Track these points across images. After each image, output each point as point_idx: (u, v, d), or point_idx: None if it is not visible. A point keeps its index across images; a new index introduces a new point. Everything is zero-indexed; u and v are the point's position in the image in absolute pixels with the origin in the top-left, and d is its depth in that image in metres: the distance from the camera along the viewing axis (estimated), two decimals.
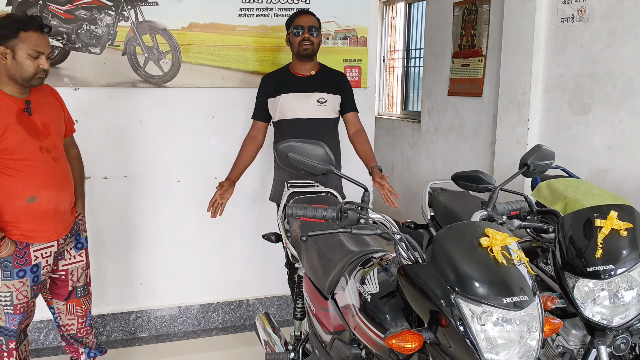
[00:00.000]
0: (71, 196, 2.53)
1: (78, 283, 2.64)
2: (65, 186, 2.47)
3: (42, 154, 2.35)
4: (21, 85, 2.30)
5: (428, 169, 5.15)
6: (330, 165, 1.79)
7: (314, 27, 2.94)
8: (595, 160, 3.20)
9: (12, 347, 2.44)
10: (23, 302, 2.40)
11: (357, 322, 1.69)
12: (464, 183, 2.21)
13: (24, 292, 2.39)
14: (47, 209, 2.38)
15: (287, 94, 2.98)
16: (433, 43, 4.99)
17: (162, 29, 3.23)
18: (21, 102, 2.32)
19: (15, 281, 2.36)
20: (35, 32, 2.26)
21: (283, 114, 2.98)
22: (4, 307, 2.39)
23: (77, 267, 2.62)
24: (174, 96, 3.34)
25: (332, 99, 3.02)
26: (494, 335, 1.36)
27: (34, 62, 2.26)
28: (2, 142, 2.25)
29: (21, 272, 2.37)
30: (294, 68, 3.04)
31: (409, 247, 1.62)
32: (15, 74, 2.26)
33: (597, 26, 3.16)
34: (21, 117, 2.30)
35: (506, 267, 1.41)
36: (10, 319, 2.41)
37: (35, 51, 2.25)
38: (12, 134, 2.26)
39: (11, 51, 2.24)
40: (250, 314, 3.70)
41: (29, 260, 2.38)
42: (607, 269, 1.84)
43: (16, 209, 2.32)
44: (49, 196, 2.38)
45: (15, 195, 2.31)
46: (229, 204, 3.53)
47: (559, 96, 3.43)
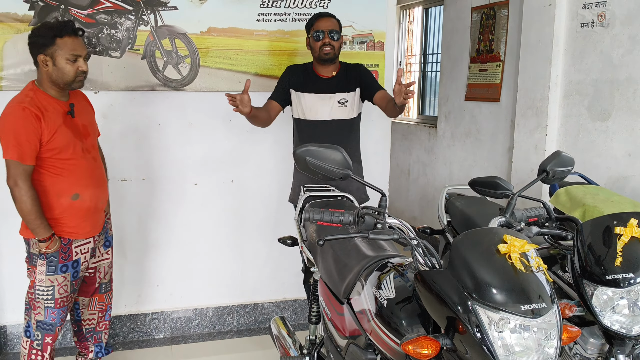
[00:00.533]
0: (106, 195, 2.71)
1: (103, 280, 2.78)
2: (103, 185, 2.66)
3: (84, 154, 2.52)
4: (63, 88, 2.45)
5: (444, 174, 5.13)
6: (348, 170, 1.79)
7: (335, 31, 2.92)
8: (614, 166, 3.17)
9: (47, 342, 2.56)
10: (63, 296, 2.53)
11: (373, 327, 1.69)
12: (481, 189, 2.20)
13: (65, 286, 2.52)
14: (88, 206, 2.54)
15: (310, 94, 2.99)
16: (450, 47, 4.97)
17: (181, 34, 3.26)
18: (65, 105, 2.48)
19: (59, 276, 2.50)
20: (70, 36, 2.39)
21: (304, 114, 3.01)
22: (44, 301, 2.51)
23: (105, 264, 2.77)
24: (192, 100, 3.37)
25: (352, 97, 3.02)
26: (512, 343, 1.35)
27: (72, 66, 2.40)
28: (52, 142, 2.39)
29: (64, 267, 2.51)
30: (316, 69, 3.04)
31: (426, 253, 1.61)
32: (57, 79, 2.40)
33: (617, 31, 3.13)
34: (66, 119, 2.46)
35: (524, 274, 1.41)
36: (50, 313, 2.52)
37: (72, 55, 2.38)
38: (61, 135, 2.41)
39: (50, 58, 2.38)
40: (265, 317, 3.71)
41: (70, 256, 2.52)
42: (626, 277, 1.82)
43: (61, 205, 2.46)
44: (90, 194, 2.54)
45: (61, 193, 2.45)
46: (245, 206, 3.55)
47: (578, 102, 3.40)
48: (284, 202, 3.50)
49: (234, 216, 3.56)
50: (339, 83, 3.01)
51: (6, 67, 3.06)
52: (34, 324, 2.55)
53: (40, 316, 2.53)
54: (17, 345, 3.33)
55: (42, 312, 2.52)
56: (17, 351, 3.33)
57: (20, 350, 2.62)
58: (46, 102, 2.40)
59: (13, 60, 3.07)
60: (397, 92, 2.59)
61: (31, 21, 3.05)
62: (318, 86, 3.00)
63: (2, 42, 3.04)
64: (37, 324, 2.54)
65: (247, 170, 3.53)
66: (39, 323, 2.54)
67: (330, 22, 2.94)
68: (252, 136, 3.48)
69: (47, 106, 2.39)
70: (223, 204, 3.53)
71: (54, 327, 2.54)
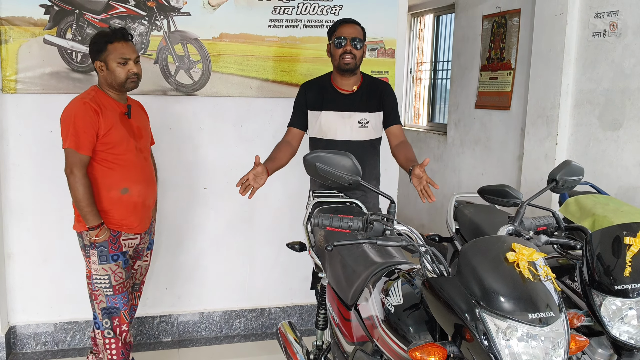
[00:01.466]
0: (154, 195, 2.86)
1: (137, 280, 2.95)
2: (151, 183, 2.80)
3: (137, 153, 2.69)
4: (119, 90, 2.64)
5: (453, 182, 5.12)
6: (357, 177, 1.80)
7: (358, 39, 2.73)
8: (625, 176, 3.15)
9: (116, 324, 2.71)
10: (120, 282, 2.69)
11: (380, 333, 1.69)
12: (490, 197, 2.20)
13: (120, 273, 2.68)
14: (136, 202, 2.69)
15: (328, 112, 2.80)
16: (461, 55, 4.97)
17: (193, 39, 3.29)
18: (123, 106, 2.68)
19: (112, 264, 2.66)
20: (120, 42, 2.58)
21: (323, 133, 2.83)
22: (103, 289, 2.67)
23: (144, 265, 2.95)
24: (203, 105, 3.40)
25: (375, 118, 2.83)
26: (519, 351, 1.35)
27: (123, 68, 2.58)
28: (107, 136, 2.57)
29: (115, 256, 2.67)
30: (335, 81, 2.85)
31: (434, 260, 1.61)
32: (112, 82, 2.60)
33: (629, 41, 3.12)
34: (123, 118, 2.66)
35: (532, 283, 1.40)
36: (111, 299, 2.68)
37: (122, 58, 2.57)
38: (116, 131, 2.60)
39: (104, 63, 2.58)
40: (272, 322, 3.71)
41: (120, 247, 2.69)
42: (635, 288, 1.81)
43: (110, 198, 2.63)
44: (139, 190, 2.70)
45: (111, 186, 2.63)
46: (254, 211, 3.57)
47: (589, 111, 3.39)
48: (293, 207, 3.52)
49: (242, 221, 3.57)
50: (360, 100, 2.82)
51: (21, 70, 3.10)
52: (99, 313, 2.70)
53: (103, 304, 2.68)
54: (27, 346, 3.36)
55: (103, 299, 2.68)
56: (26, 351, 3.35)
57: (99, 344, 2.76)
58: (105, 102, 2.61)
59: (28, 63, 3.11)
60: (416, 176, 2.42)
61: (46, 25, 3.09)
62: (337, 103, 2.81)
63: (17, 46, 3.08)
64: (102, 311, 2.69)
65: None
66: (103, 310, 2.69)
67: (354, 29, 2.76)
68: (261, 141, 3.49)
69: (106, 105, 2.60)
70: (232, 209, 3.55)
71: (118, 310, 2.69)
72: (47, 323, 3.37)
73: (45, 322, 3.36)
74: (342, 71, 2.77)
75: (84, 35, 3.15)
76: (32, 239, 3.28)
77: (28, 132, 3.19)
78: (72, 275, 3.30)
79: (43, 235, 3.28)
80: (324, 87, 2.86)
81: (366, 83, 2.87)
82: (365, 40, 2.81)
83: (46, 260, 3.30)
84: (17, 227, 3.26)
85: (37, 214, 3.26)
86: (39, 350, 3.38)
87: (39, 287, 3.32)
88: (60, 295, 3.35)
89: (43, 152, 3.20)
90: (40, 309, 3.35)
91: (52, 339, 3.39)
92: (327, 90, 2.85)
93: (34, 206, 3.25)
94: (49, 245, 3.29)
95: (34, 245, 3.28)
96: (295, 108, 2.91)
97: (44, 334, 3.37)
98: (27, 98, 3.15)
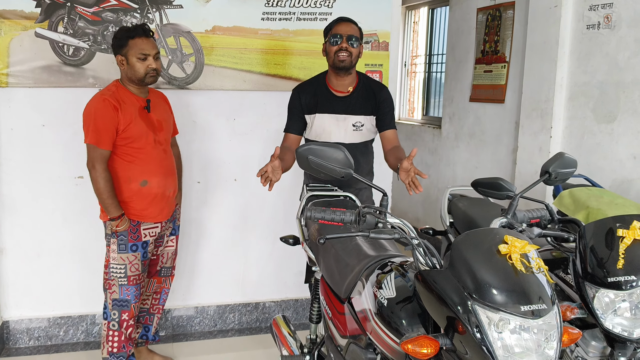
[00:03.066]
0: (175, 185, 2.93)
1: (165, 265, 3.04)
2: (171, 175, 2.88)
3: (156, 145, 2.78)
4: (138, 85, 2.72)
5: (448, 175, 5.12)
6: (349, 169, 1.79)
7: (354, 37, 2.66)
8: (619, 169, 3.15)
9: (124, 318, 2.80)
10: (135, 274, 2.78)
11: (373, 326, 1.69)
12: (484, 190, 2.19)
13: (136, 264, 2.78)
14: (156, 193, 2.78)
15: (323, 115, 2.75)
16: (455, 48, 4.96)
17: (186, 32, 3.27)
18: (142, 101, 2.75)
19: (130, 254, 2.75)
20: (141, 37, 2.65)
21: (317, 135, 2.79)
22: (118, 279, 2.76)
23: (169, 251, 3.04)
24: (196, 98, 3.38)
25: (369, 121, 2.79)
26: (511, 344, 1.35)
27: (143, 64, 2.66)
28: (127, 131, 2.66)
29: (134, 246, 2.76)
30: (330, 82, 2.78)
31: (427, 253, 1.61)
32: (132, 76, 2.69)
33: (623, 33, 3.11)
34: (142, 112, 2.74)
35: (525, 275, 1.40)
36: (124, 290, 2.77)
37: (141, 54, 2.64)
38: (135, 126, 2.69)
39: (124, 57, 2.67)
40: (266, 316, 3.71)
41: (139, 237, 2.77)
42: (628, 280, 1.81)
43: (130, 190, 2.73)
44: (158, 181, 2.78)
45: (131, 179, 2.73)
46: (247, 205, 3.56)
47: (583, 104, 3.38)
48: (286, 201, 3.51)
49: (236, 215, 3.56)
50: (355, 103, 2.76)
51: (12, 64, 3.08)
52: (110, 303, 2.79)
53: (115, 294, 2.77)
54: (20, 341, 3.34)
55: (117, 289, 2.77)
56: (19, 346, 3.34)
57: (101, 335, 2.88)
58: (125, 97, 2.70)
59: (19, 57, 3.08)
60: (404, 169, 2.34)
61: (37, 18, 3.07)
62: (332, 105, 2.75)
63: (8, 39, 3.05)
64: (113, 302, 2.78)
65: (250, 169, 3.52)
66: (114, 301, 2.78)
67: (350, 27, 2.69)
68: (255, 135, 3.48)
69: (126, 100, 2.69)
70: (226, 203, 3.53)
71: (128, 303, 2.78)
72: (41, 318, 3.35)
73: (39, 317, 3.35)
74: (337, 69, 2.70)
75: (75, 29, 3.12)
76: (24, 234, 3.26)
77: (20, 126, 3.16)
78: (65, 270, 3.29)
79: (36, 230, 3.26)
80: (318, 89, 2.79)
81: (362, 84, 2.80)
82: (362, 40, 2.75)
83: (39, 255, 3.29)
84: (10, 222, 3.24)
85: (30, 209, 3.24)
86: (32, 345, 3.36)
87: (32, 282, 3.30)
88: (54, 290, 3.33)
89: (35, 146, 3.18)
90: (34, 304, 3.33)
91: (46, 334, 3.37)
92: (322, 92, 2.78)
93: (26, 201, 3.23)
94: (42, 240, 3.28)
95: (26, 240, 3.27)
96: (290, 113, 2.81)
97: (37, 328, 3.35)
98: (18, 92, 3.13)
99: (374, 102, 2.78)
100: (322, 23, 3.38)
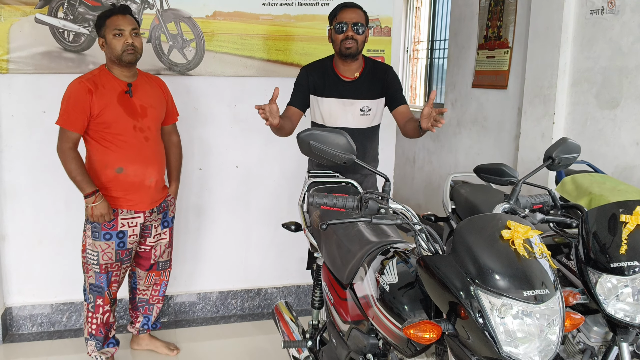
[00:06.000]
0: (158, 175, 2.83)
1: (161, 258, 2.99)
2: (152, 164, 2.78)
3: (135, 132, 2.70)
4: (120, 65, 2.65)
5: (450, 162, 5.11)
6: (351, 155, 1.78)
7: (360, 23, 2.66)
8: (622, 155, 3.14)
9: (99, 304, 2.80)
10: (108, 263, 2.75)
11: (375, 312, 1.69)
12: (486, 176, 2.18)
13: (109, 253, 2.74)
14: (133, 181, 2.72)
15: (330, 99, 2.77)
16: (458, 34, 4.92)
17: (186, 17, 3.24)
18: (125, 85, 2.69)
19: (102, 242, 2.72)
20: (116, 15, 2.62)
21: (323, 119, 2.81)
22: (92, 265, 2.76)
23: (161, 243, 2.96)
24: (197, 84, 3.36)
25: (376, 105, 2.81)
26: (514, 329, 1.34)
27: (119, 40, 2.60)
28: (101, 116, 2.61)
29: (107, 235, 2.72)
30: (337, 67, 2.79)
31: (429, 238, 1.61)
32: (111, 56, 2.64)
33: (627, 19, 3.08)
34: (122, 97, 2.67)
35: (527, 260, 1.40)
36: (97, 277, 2.76)
37: (116, 30, 2.60)
38: (111, 111, 2.63)
39: (103, 38, 2.64)
40: (268, 302, 3.72)
41: (115, 226, 2.72)
42: (631, 265, 1.81)
43: (106, 176, 2.69)
44: (135, 170, 2.71)
45: (107, 165, 2.68)
46: (249, 192, 3.55)
47: (586, 90, 3.36)
48: (289, 188, 3.51)
49: (238, 201, 3.56)
50: (362, 87, 2.77)
51: (12, 50, 3.06)
52: (88, 287, 2.80)
53: (91, 279, 2.77)
54: (23, 327, 3.36)
55: (92, 275, 2.77)
56: (22, 332, 3.36)
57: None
58: (106, 80, 2.65)
59: (19, 43, 3.06)
60: (425, 116, 2.35)
61: (37, 4, 3.04)
62: (339, 90, 2.76)
63: (8, 25, 3.03)
64: (90, 286, 2.79)
65: (251, 155, 3.52)
66: (91, 286, 2.78)
67: (356, 13, 2.68)
68: (257, 121, 3.45)
69: (105, 83, 2.64)
70: (227, 189, 3.53)
71: (102, 290, 2.77)
72: (43, 304, 3.37)
73: (41, 303, 3.36)
74: (343, 57, 2.71)
75: (75, 14, 3.10)
76: (26, 220, 3.26)
77: (21, 112, 3.15)
78: (67, 257, 3.29)
79: (38, 216, 3.26)
80: (325, 72, 2.79)
81: (368, 69, 2.81)
82: (367, 24, 2.73)
83: (41, 242, 3.29)
84: (12, 208, 3.24)
85: (31, 196, 3.24)
86: (35, 331, 3.38)
87: (34, 268, 3.31)
88: (56, 277, 3.34)
89: (36, 132, 3.17)
90: (36, 291, 3.34)
91: (48, 320, 3.39)
92: (329, 76, 2.78)
93: (28, 188, 3.22)
94: (43, 227, 3.28)
95: (28, 226, 3.27)
96: (296, 89, 2.82)
97: (39, 315, 3.37)
98: (19, 78, 3.11)
99: (381, 84, 2.80)
100: (324, 8, 3.36)
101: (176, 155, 3.01)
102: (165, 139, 2.93)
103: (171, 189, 2.98)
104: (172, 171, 3.01)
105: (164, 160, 2.90)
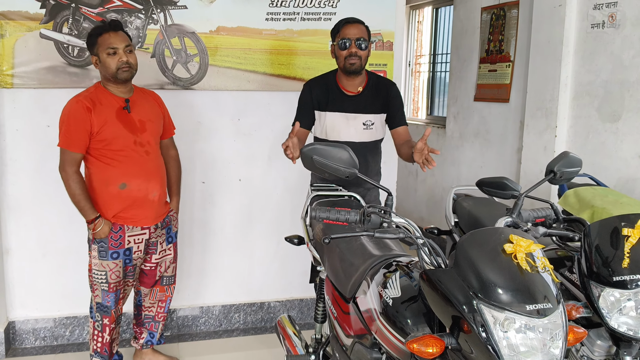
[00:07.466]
0: (161, 188, 2.81)
1: (165, 273, 2.97)
2: (154, 178, 2.76)
3: (136, 147, 2.68)
4: (115, 82, 2.63)
5: (452, 175, 5.11)
6: (354, 169, 1.79)
7: (362, 39, 2.67)
8: (624, 168, 3.14)
9: (105, 323, 2.79)
10: (116, 281, 2.73)
11: (379, 326, 1.69)
12: (488, 189, 2.19)
13: (117, 272, 2.72)
14: (136, 196, 2.69)
15: (334, 113, 2.77)
16: (460, 48, 4.95)
17: (190, 32, 3.27)
18: (122, 101, 2.66)
19: (110, 262, 2.70)
20: (108, 32, 2.59)
21: (326, 134, 2.81)
22: (100, 284, 2.73)
23: (166, 259, 2.94)
24: (201, 98, 3.38)
25: (379, 119, 2.81)
26: (517, 343, 1.35)
27: (113, 58, 2.57)
28: (101, 133, 2.59)
29: (115, 253, 2.70)
30: (340, 82, 2.80)
31: (432, 252, 1.61)
32: (106, 74, 2.61)
33: (628, 32, 3.10)
34: (120, 113, 2.65)
35: (530, 274, 1.40)
36: (104, 296, 2.74)
37: (110, 48, 2.57)
38: (111, 127, 2.60)
39: (97, 56, 2.61)
40: (271, 315, 3.71)
41: (122, 244, 2.70)
42: (634, 279, 1.81)
43: (109, 193, 2.66)
44: (139, 184, 2.69)
45: (109, 181, 2.65)
46: (252, 205, 3.56)
47: (588, 103, 3.38)
48: (292, 201, 3.51)
49: (241, 215, 3.57)
50: (365, 102, 2.78)
51: (17, 65, 3.09)
52: (95, 305, 2.78)
53: (98, 298, 2.75)
54: (26, 341, 3.36)
55: (99, 294, 2.74)
56: (25, 346, 3.36)
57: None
58: (103, 98, 2.63)
59: (24, 58, 3.10)
60: (418, 150, 2.33)
61: (42, 19, 3.08)
62: (342, 104, 2.77)
63: (13, 40, 3.07)
64: (97, 305, 2.77)
65: (254, 169, 3.54)
66: (98, 305, 2.77)
67: (358, 29, 2.69)
68: (259, 135, 3.48)
69: (103, 100, 2.61)
70: (230, 203, 3.54)
71: (109, 309, 2.76)
72: (46, 318, 3.37)
73: (44, 317, 3.36)
74: (348, 73, 2.72)
75: (80, 29, 3.13)
76: (30, 234, 3.27)
77: (25, 127, 3.18)
78: (70, 270, 3.30)
79: (41, 230, 3.27)
80: (329, 86, 2.80)
81: (371, 83, 2.82)
82: (370, 39, 2.74)
83: (44, 256, 3.30)
84: (15, 222, 3.25)
85: (35, 210, 3.25)
86: (38, 345, 3.38)
87: (37, 282, 3.32)
88: (59, 290, 3.35)
89: (40, 147, 3.19)
90: (39, 304, 3.35)
91: (51, 334, 3.39)
92: (333, 91, 2.79)
93: (31, 201, 3.24)
94: (47, 241, 3.29)
95: (32, 240, 3.28)
96: (300, 106, 2.83)
97: (43, 329, 3.37)
98: (23, 93, 3.14)
99: (384, 100, 2.81)
100: (327, 23, 3.39)
101: (175, 169, 2.99)
102: (163, 153, 2.90)
103: (172, 204, 2.96)
104: (172, 185, 2.97)
105: (165, 173, 2.88)
